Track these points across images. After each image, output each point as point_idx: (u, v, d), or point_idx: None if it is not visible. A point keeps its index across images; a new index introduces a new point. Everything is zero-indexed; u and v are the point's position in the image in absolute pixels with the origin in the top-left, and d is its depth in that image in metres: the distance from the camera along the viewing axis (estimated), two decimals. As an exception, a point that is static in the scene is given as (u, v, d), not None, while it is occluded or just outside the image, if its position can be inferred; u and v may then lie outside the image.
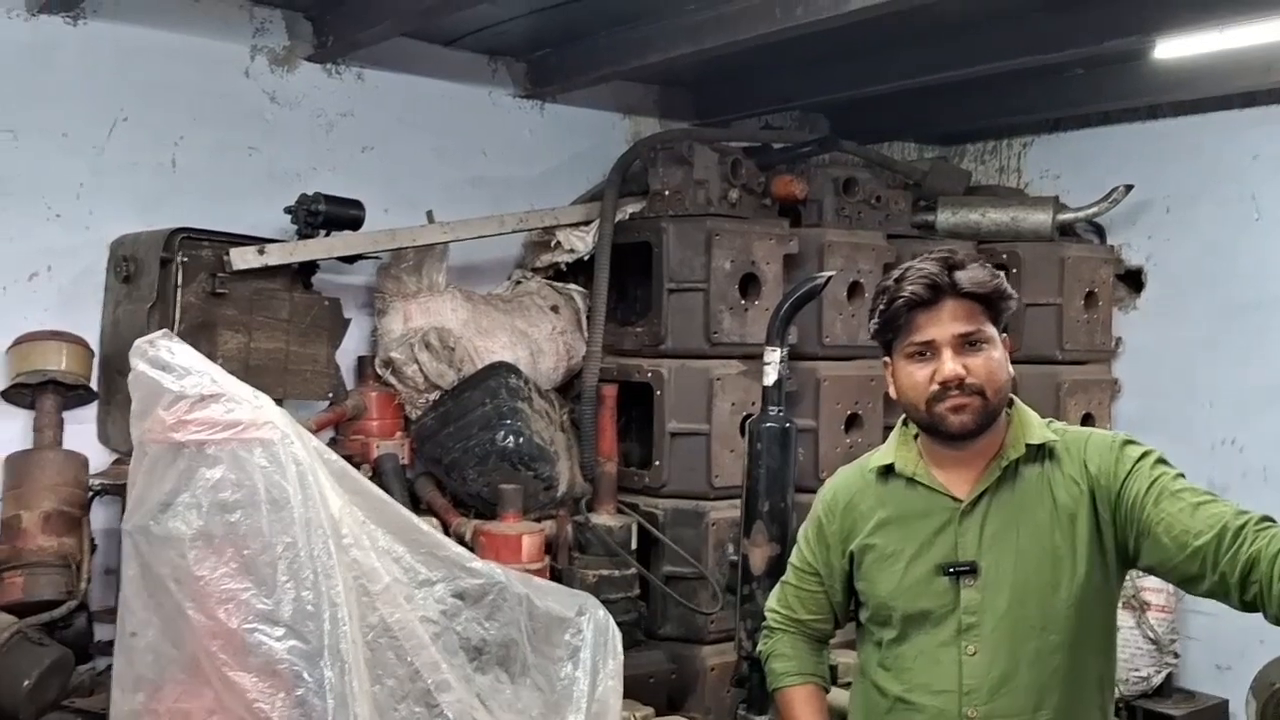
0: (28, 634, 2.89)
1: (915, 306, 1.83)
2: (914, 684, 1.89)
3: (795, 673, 2.11)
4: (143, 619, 1.74)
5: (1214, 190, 4.37)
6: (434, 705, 1.82)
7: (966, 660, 1.83)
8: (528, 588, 2.15)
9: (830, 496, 2.08)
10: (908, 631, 1.91)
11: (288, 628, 1.70)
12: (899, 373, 1.90)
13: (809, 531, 2.11)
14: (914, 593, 1.89)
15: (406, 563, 1.88)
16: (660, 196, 3.99)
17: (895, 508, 1.95)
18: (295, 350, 3.46)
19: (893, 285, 1.87)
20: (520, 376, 3.79)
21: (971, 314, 1.84)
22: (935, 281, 1.83)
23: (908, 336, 1.86)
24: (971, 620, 1.84)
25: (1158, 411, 4.49)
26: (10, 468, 3.18)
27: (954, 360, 1.82)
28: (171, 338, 1.82)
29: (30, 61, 3.34)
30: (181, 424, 1.75)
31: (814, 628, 2.13)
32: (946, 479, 1.91)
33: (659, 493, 3.86)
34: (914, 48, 3.98)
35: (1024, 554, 1.84)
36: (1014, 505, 1.87)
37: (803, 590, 2.12)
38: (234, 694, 1.68)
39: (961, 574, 1.85)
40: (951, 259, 1.87)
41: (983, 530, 1.87)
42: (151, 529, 1.75)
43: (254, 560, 1.73)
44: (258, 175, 3.75)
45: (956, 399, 1.82)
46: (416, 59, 4.05)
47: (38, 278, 3.37)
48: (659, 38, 3.70)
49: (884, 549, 1.94)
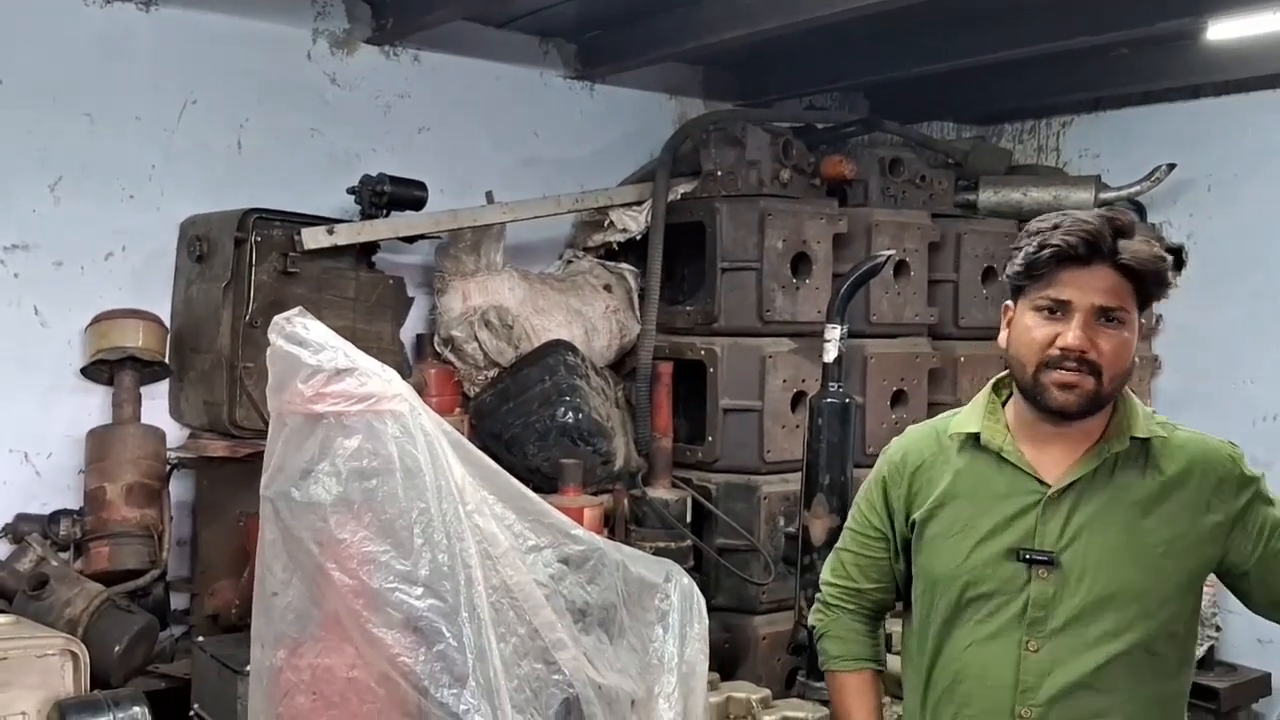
0: (116, 601, 3.01)
1: (1065, 259, 1.66)
2: (965, 674, 1.76)
3: (850, 657, 1.98)
4: (283, 579, 1.84)
5: (1256, 169, 4.40)
6: (551, 662, 1.92)
7: (1026, 656, 1.70)
8: (621, 554, 2.24)
9: (899, 457, 1.91)
10: (960, 616, 1.77)
11: (426, 587, 1.80)
12: (1019, 323, 1.73)
13: (872, 493, 1.95)
14: (978, 574, 1.75)
15: (517, 529, 1.97)
16: (713, 177, 4.06)
17: (972, 481, 1.79)
18: (361, 328, 3.54)
19: (1047, 229, 1.69)
20: (577, 354, 3.87)
21: (1119, 287, 1.67)
22: (1095, 240, 1.65)
23: (1044, 288, 1.68)
24: (1039, 615, 1.70)
25: (1198, 388, 4.55)
26: (93, 442, 3.28)
27: (1083, 329, 1.65)
28: (306, 315, 1.91)
29: (105, 48, 3.42)
30: (319, 396, 1.84)
31: (874, 598, 1.98)
32: (1036, 458, 1.76)
33: (712, 467, 3.95)
34: (962, 29, 4.02)
35: (1109, 554, 1.70)
36: (1108, 501, 1.72)
37: (864, 557, 1.96)
38: (376, 649, 1.78)
39: (1037, 563, 1.70)
40: (1118, 221, 1.69)
41: (1067, 522, 1.72)
42: (293, 495, 1.84)
43: (391, 524, 1.82)
44: (319, 156, 3.83)
45: (1069, 374, 1.66)
46: (470, 41, 4.12)
47: (113, 257, 3.47)
48: (714, 20, 3.76)
49: (952, 522, 1.79)
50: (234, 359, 3.28)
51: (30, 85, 3.31)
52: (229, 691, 2.71)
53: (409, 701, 1.78)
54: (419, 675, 1.76)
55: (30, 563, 3.15)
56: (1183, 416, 1.85)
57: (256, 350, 3.29)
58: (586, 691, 1.97)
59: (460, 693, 1.75)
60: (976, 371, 4.29)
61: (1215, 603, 4.23)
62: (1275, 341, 4.37)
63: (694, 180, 4.16)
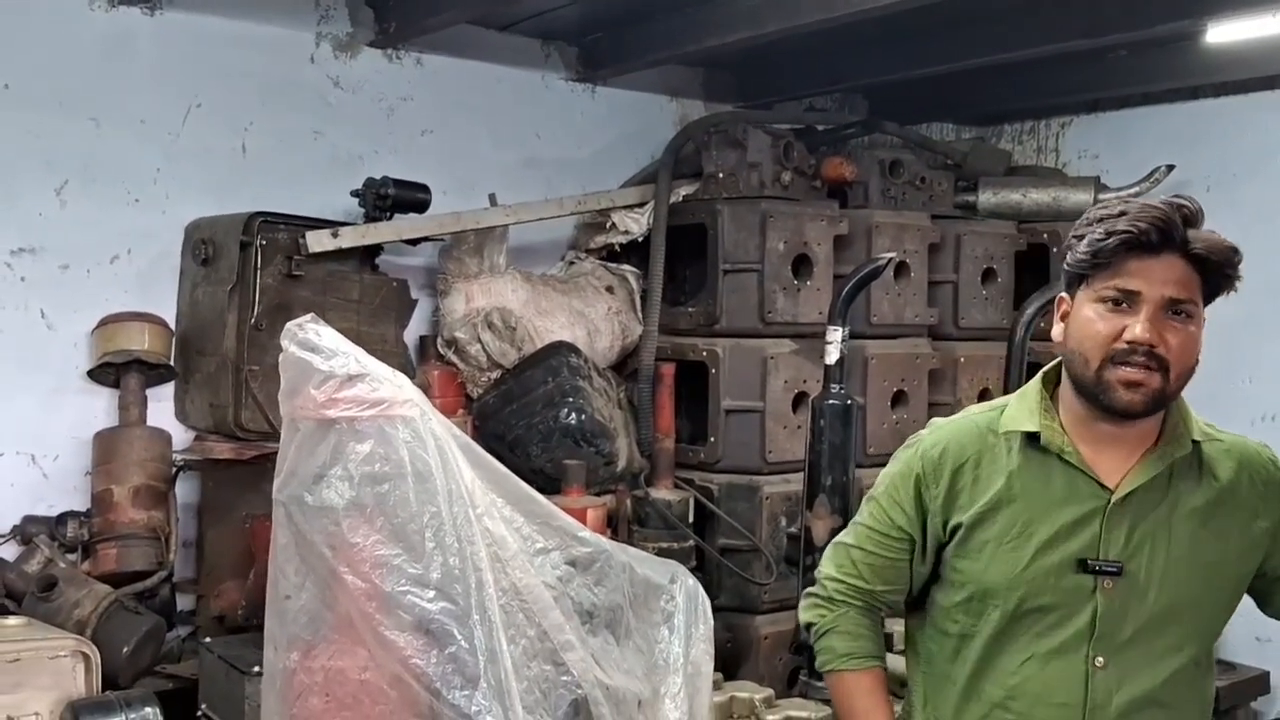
0: (124, 603, 3.03)
1: (1134, 248, 1.57)
2: (1022, 691, 1.65)
3: (860, 654, 1.83)
4: (295, 583, 1.86)
5: (1255, 170, 4.42)
6: (560, 664, 1.95)
7: (1094, 672, 1.62)
8: (628, 556, 2.27)
9: (936, 453, 1.75)
10: (1014, 629, 1.66)
11: (437, 590, 1.82)
12: (1079, 315, 1.63)
13: (899, 490, 1.79)
14: (1038, 585, 1.64)
15: (525, 531, 1.99)
16: (714, 179, 4.08)
17: (1028, 483, 1.68)
18: (365, 330, 3.56)
19: (1114, 216, 1.60)
20: (580, 355, 3.90)
21: (1189, 279, 1.60)
22: (1167, 228, 1.57)
23: (1110, 278, 1.59)
24: (1107, 628, 1.62)
25: (1198, 387, 4.42)
26: (100, 444, 3.31)
27: (1152, 322, 1.57)
28: (318, 321, 1.94)
29: (110, 51, 3.44)
30: (332, 402, 1.86)
31: (885, 599, 1.85)
32: (1094, 460, 1.66)
33: (714, 468, 3.97)
34: (962, 31, 4.04)
35: (1173, 564, 1.64)
36: (1168, 507, 1.66)
37: (880, 557, 1.81)
38: (389, 651, 1.80)
39: (1104, 574, 1.62)
40: (1188, 209, 1.61)
41: (1132, 530, 1.64)
42: (305, 499, 1.86)
43: (403, 528, 1.85)
44: (322, 159, 3.85)
45: (1136, 370, 1.57)
46: (473, 44, 4.13)
47: (118, 260, 3.49)
48: (716, 22, 3.78)
49: (1008, 529, 1.67)
50: (239, 361, 3.30)
51: (35, 89, 3.33)
52: (237, 692, 2.73)
53: (421, 703, 1.80)
54: (431, 677, 1.78)
55: (38, 564, 3.17)
56: None
57: (262, 353, 3.32)
58: (595, 692, 1.99)
59: (472, 694, 1.78)
60: (976, 372, 4.32)
61: (1214, 601, 4.25)
62: (1275, 341, 4.39)
63: (695, 182, 4.18)
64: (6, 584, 3.10)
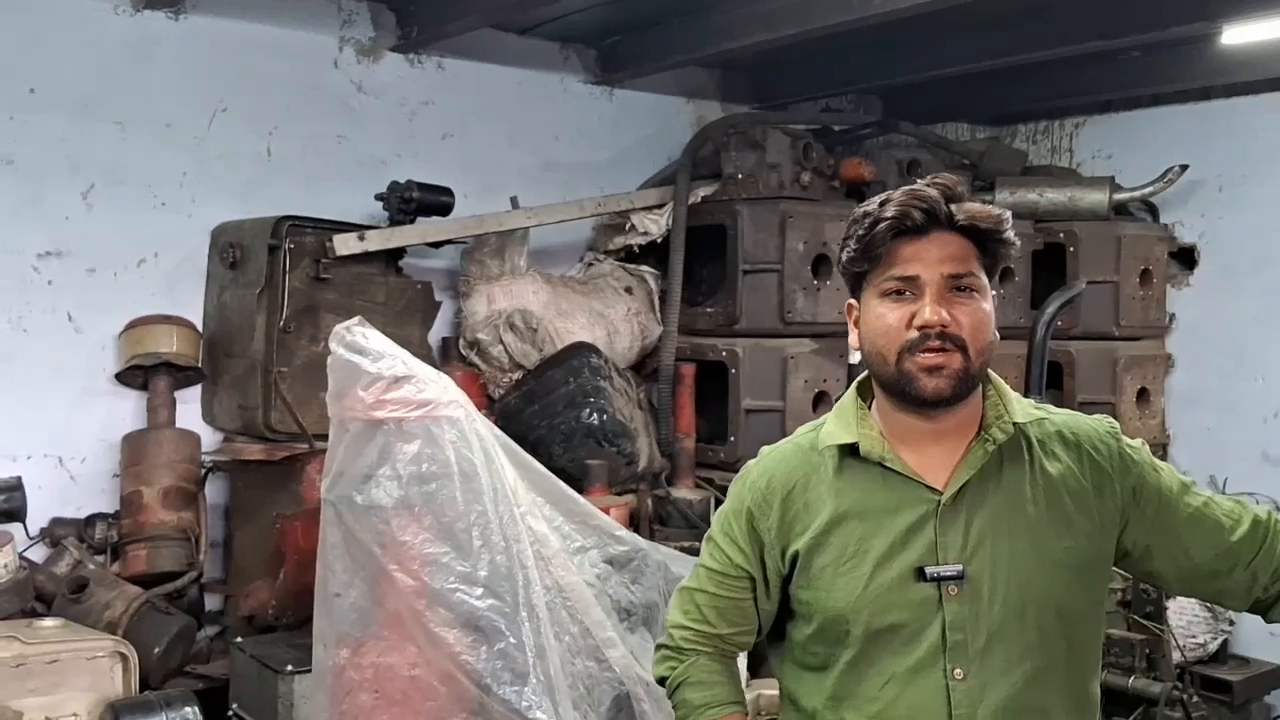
0: (155, 604, 3.06)
1: (901, 233, 1.54)
2: (886, 716, 1.56)
3: (718, 703, 1.71)
4: (345, 581, 1.88)
5: (1267, 169, 4.46)
6: (603, 660, 1.97)
7: (955, 685, 1.52)
8: (661, 554, 2.29)
9: (763, 483, 1.67)
10: (870, 652, 1.56)
11: (485, 587, 1.84)
12: (868, 314, 1.59)
13: (732, 526, 1.71)
14: (882, 603, 1.55)
15: (565, 530, 2.02)
16: (734, 180, 4.11)
17: (856, 498, 1.60)
18: (391, 332, 3.45)
19: (876, 208, 1.57)
20: (600, 356, 3.92)
21: (965, 253, 1.55)
22: (930, 207, 1.53)
23: (887, 269, 1.55)
24: (959, 638, 1.53)
25: (1210, 386, 4.61)
26: (129, 446, 3.33)
27: (938, 303, 1.52)
28: (365, 324, 1.96)
29: (135, 56, 3.47)
30: (380, 403, 1.88)
31: (734, 641, 1.76)
32: (918, 463, 1.58)
33: (734, 467, 3.97)
34: (976, 32, 4.07)
35: (1018, 558, 1.55)
36: (1001, 499, 1.57)
37: (723, 598, 1.72)
38: (438, 648, 1.82)
39: (946, 581, 1.53)
40: (950, 189, 1.57)
41: (968, 529, 1.55)
42: (355, 499, 1.89)
43: (450, 527, 1.87)
44: (345, 163, 3.88)
45: (934, 356, 1.52)
46: (493, 48, 4.17)
47: (145, 264, 3.51)
48: (733, 26, 3.81)
49: (842, 550, 1.58)
50: (268, 363, 3.32)
51: (62, 94, 3.35)
52: (269, 691, 2.75)
53: (470, 699, 1.82)
54: (481, 673, 1.80)
55: (67, 566, 3.20)
56: (1195, 413, 1.82)
57: (290, 355, 3.35)
58: (636, 689, 2.02)
59: (522, 690, 1.80)
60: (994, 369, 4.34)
61: (1229, 597, 4.27)
62: (1286, 339, 4.43)
63: (714, 183, 4.21)
64: (36, 586, 3.13)
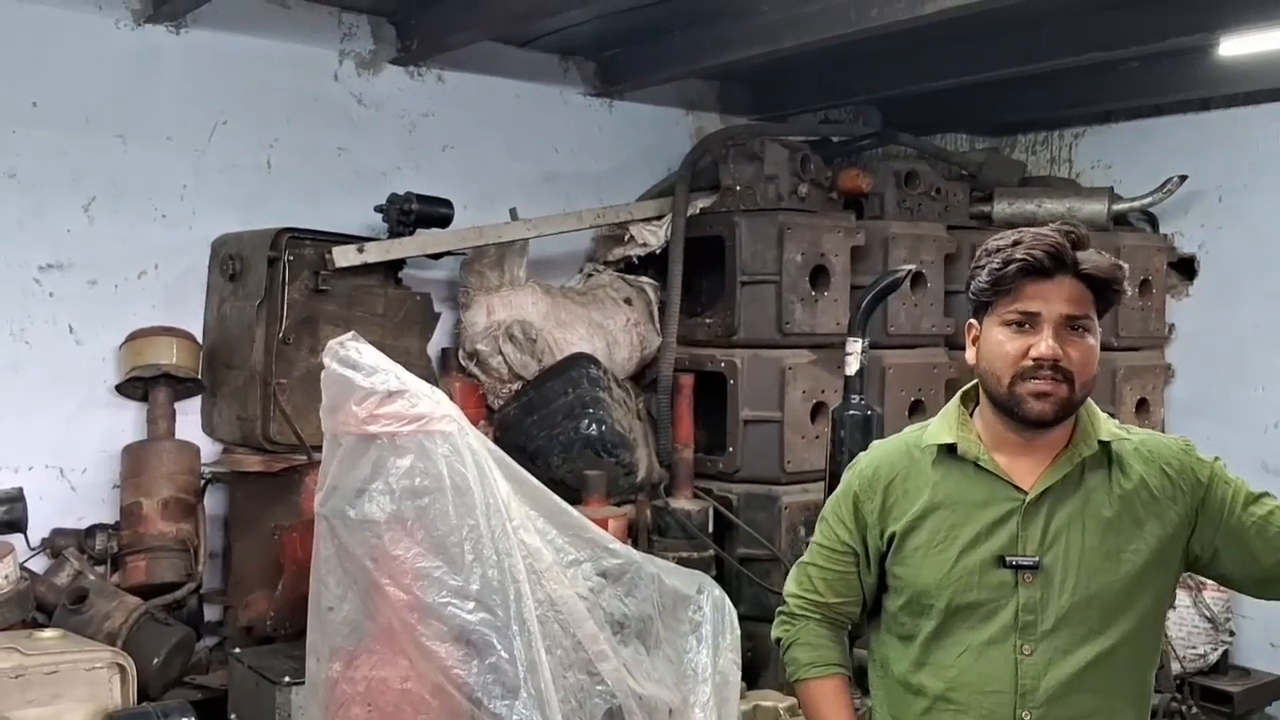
0: (154, 614, 3.06)
1: (1029, 273, 1.73)
2: (960, 682, 1.78)
3: (822, 663, 1.95)
4: (338, 594, 1.89)
5: (1266, 180, 4.47)
6: (595, 674, 1.98)
7: (1023, 660, 1.74)
8: (656, 567, 2.29)
9: (870, 471, 1.92)
10: (950, 625, 1.80)
11: (477, 601, 1.85)
12: (988, 339, 1.78)
13: (840, 508, 1.95)
14: (964, 583, 1.78)
15: (558, 543, 2.03)
16: (732, 191, 4.12)
17: (950, 491, 1.83)
18: (390, 343, 3.58)
19: (1009, 246, 1.76)
20: (599, 367, 3.93)
21: (1082, 297, 1.74)
22: (1058, 253, 1.72)
23: (1012, 303, 1.75)
24: (1029, 619, 1.75)
25: (1210, 396, 4.61)
26: (129, 457, 3.35)
27: (1054, 339, 1.71)
28: (359, 339, 1.97)
29: (137, 69, 3.49)
30: (373, 417, 1.89)
31: (841, 611, 1.98)
32: (1010, 466, 1.81)
33: (733, 478, 4.00)
34: (975, 44, 4.08)
35: (1088, 555, 1.76)
36: (1079, 502, 1.79)
37: (831, 571, 1.96)
38: (430, 662, 1.83)
39: (1023, 569, 1.76)
40: (1076, 234, 1.77)
41: (1047, 526, 1.78)
42: (348, 513, 1.90)
43: (443, 541, 1.88)
44: (345, 175, 3.90)
45: (1044, 383, 1.72)
46: (493, 60, 4.19)
47: (146, 275, 3.53)
48: (733, 38, 3.82)
49: (934, 534, 1.82)
50: (267, 375, 3.34)
51: (63, 106, 3.38)
52: (267, 702, 2.76)
53: (462, 712, 1.83)
54: (473, 687, 1.81)
55: (67, 576, 3.21)
56: (1195, 423, 1.89)
57: (289, 366, 3.36)
58: (628, 702, 2.02)
59: (513, 704, 1.81)
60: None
61: (1229, 608, 4.28)
62: (1286, 350, 4.42)
63: (712, 195, 4.23)
64: (37, 596, 3.14)
